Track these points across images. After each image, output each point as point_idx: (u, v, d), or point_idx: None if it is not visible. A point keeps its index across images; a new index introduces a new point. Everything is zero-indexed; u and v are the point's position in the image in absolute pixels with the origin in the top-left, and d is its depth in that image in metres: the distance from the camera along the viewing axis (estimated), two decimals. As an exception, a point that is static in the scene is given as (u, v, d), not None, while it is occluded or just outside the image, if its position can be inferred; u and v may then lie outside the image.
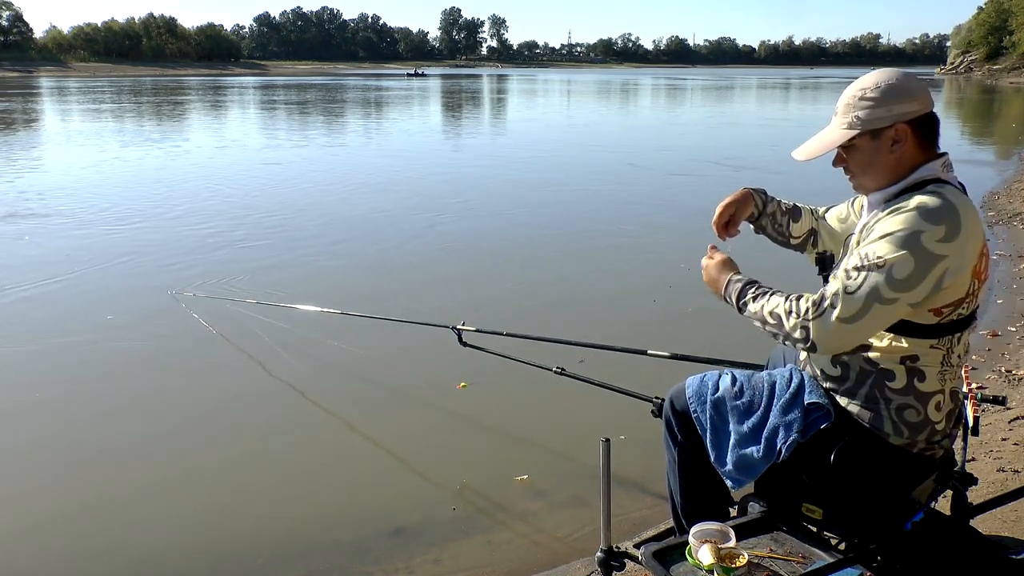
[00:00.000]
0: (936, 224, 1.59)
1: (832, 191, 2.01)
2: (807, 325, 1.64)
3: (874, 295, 1.59)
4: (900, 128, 1.70)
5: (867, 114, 1.72)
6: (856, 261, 1.63)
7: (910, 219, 1.60)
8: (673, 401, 2.01)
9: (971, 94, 45.40)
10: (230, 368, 4.70)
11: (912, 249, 1.58)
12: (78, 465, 3.61)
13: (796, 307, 1.67)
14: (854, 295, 1.60)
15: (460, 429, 3.99)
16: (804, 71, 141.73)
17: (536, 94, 50.44)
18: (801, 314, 1.65)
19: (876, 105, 1.71)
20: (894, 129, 1.71)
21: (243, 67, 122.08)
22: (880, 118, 1.71)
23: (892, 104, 1.70)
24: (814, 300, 1.65)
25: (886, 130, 1.71)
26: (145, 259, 7.06)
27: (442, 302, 5.87)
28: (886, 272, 1.58)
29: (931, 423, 1.74)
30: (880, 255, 1.60)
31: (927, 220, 1.59)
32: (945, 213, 1.60)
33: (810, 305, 1.65)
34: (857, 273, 1.61)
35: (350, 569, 2.89)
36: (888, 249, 1.59)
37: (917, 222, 1.59)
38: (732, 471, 1.83)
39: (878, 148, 1.73)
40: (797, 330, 1.65)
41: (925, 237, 1.58)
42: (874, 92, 1.72)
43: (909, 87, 1.72)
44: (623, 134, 21.83)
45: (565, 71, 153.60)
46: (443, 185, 11.88)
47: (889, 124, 1.71)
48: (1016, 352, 4.74)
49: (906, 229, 1.59)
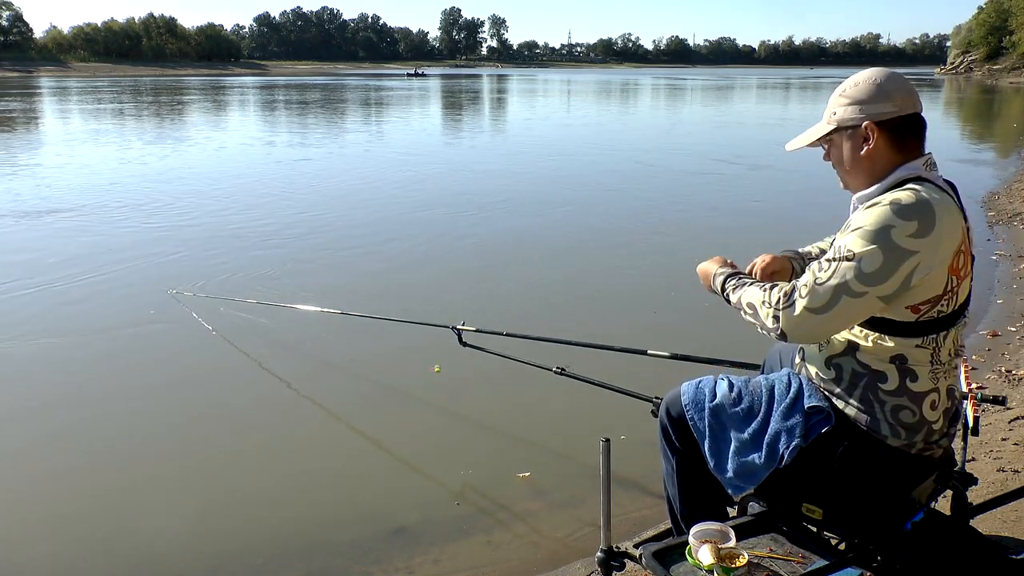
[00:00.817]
0: (907, 220, 1.60)
1: (835, 190, 2.01)
2: (777, 314, 1.69)
3: (843, 287, 1.62)
4: (868, 127, 1.73)
5: (842, 112, 1.78)
6: (830, 254, 1.67)
7: (882, 214, 1.62)
8: (669, 408, 2.00)
9: (971, 94, 45.40)
10: (230, 368, 4.70)
11: (881, 243, 1.60)
12: (78, 465, 3.61)
13: (769, 297, 1.73)
14: (823, 286, 1.64)
15: (460, 429, 3.99)
16: (804, 71, 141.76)
17: (539, 94, 50.43)
18: (772, 303, 1.71)
19: (850, 103, 1.76)
20: (864, 128, 1.74)
21: (243, 67, 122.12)
22: (850, 117, 1.76)
23: (864, 104, 1.74)
24: (786, 291, 1.71)
25: (857, 128, 1.75)
26: (139, 258, 7.07)
27: (444, 302, 5.87)
28: (855, 265, 1.61)
29: (928, 423, 1.74)
30: (851, 248, 1.63)
31: (898, 215, 1.61)
32: (918, 209, 1.61)
33: (782, 295, 1.70)
34: (828, 265, 1.65)
35: (350, 569, 2.89)
36: (859, 243, 1.62)
37: (888, 217, 1.61)
38: (733, 478, 1.83)
39: (852, 146, 1.77)
40: (769, 319, 1.71)
41: (895, 232, 1.60)
42: (852, 91, 1.77)
43: (886, 89, 1.73)
44: (632, 133, 21.84)
45: (565, 71, 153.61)
46: (445, 184, 11.88)
47: (858, 124, 1.74)
48: (1016, 352, 4.74)
49: (877, 224, 1.61)
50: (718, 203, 10.21)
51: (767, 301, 1.73)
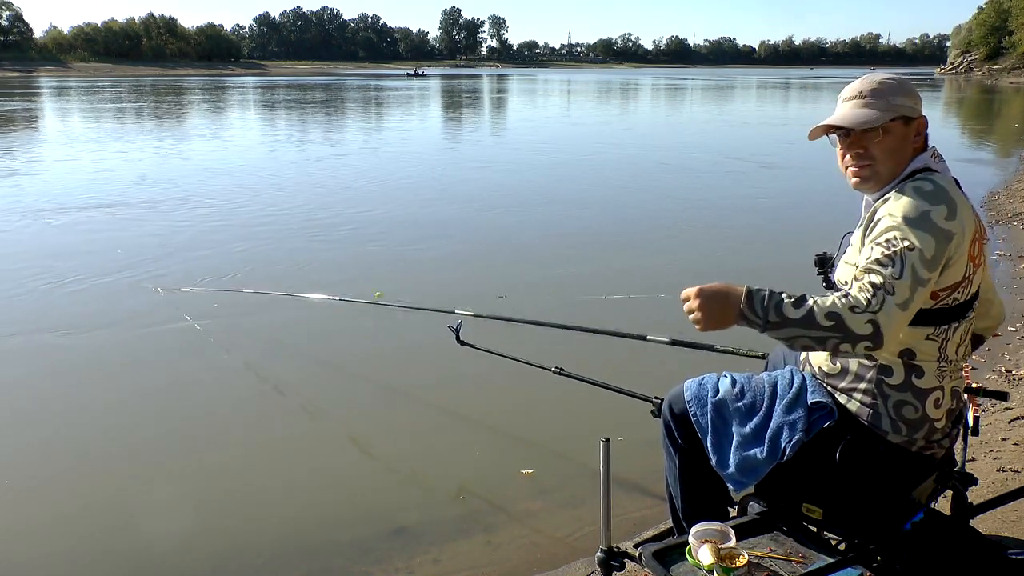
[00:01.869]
0: (937, 204, 1.64)
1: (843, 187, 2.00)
2: (874, 318, 1.52)
3: (916, 279, 1.58)
4: (922, 121, 1.81)
5: (902, 101, 1.79)
6: (883, 251, 1.60)
7: (912, 202, 1.65)
8: (672, 405, 2.00)
9: (971, 94, 45.39)
10: (229, 368, 4.69)
11: (929, 228, 1.62)
12: (77, 465, 3.61)
13: (854, 301, 1.54)
14: (900, 281, 1.56)
15: (460, 429, 3.98)
16: (804, 71, 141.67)
17: (547, 94, 50.42)
18: (864, 307, 1.52)
19: (908, 96, 1.80)
20: (920, 120, 1.81)
21: (243, 67, 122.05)
22: (912, 108, 1.80)
23: (917, 100, 1.81)
24: (867, 293, 1.54)
25: (915, 120, 1.80)
26: (139, 258, 7.07)
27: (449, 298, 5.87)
28: (919, 254, 1.59)
29: (930, 420, 1.74)
30: (907, 239, 1.60)
31: (928, 201, 1.65)
32: (941, 195, 1.67)
33: (869, 297, 1.54)
34: (892, 261, 1.58)
35: (350, 569, 2.89)
36: (910, 232, 1.61)
37: (921, 203, 1.64)
38: (735, 473, 1.83)
39: (907, 135, 1.79)
40: (863, 325, 1.52)
41: (934, 215, 1.63)
42: (904, 85, 1.81)
43: (917, 93, 1.83)
44: (646, 133, 21.88)
45: (565, 71, 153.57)
46: (449, 182, 11.89)
47: (917, 115, 1.80)
48: (1016, 352, 4.74)
49: (915, 211, 1.63)
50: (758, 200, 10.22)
51: (856, 306, 1.53)
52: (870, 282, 1.56)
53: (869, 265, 1.60)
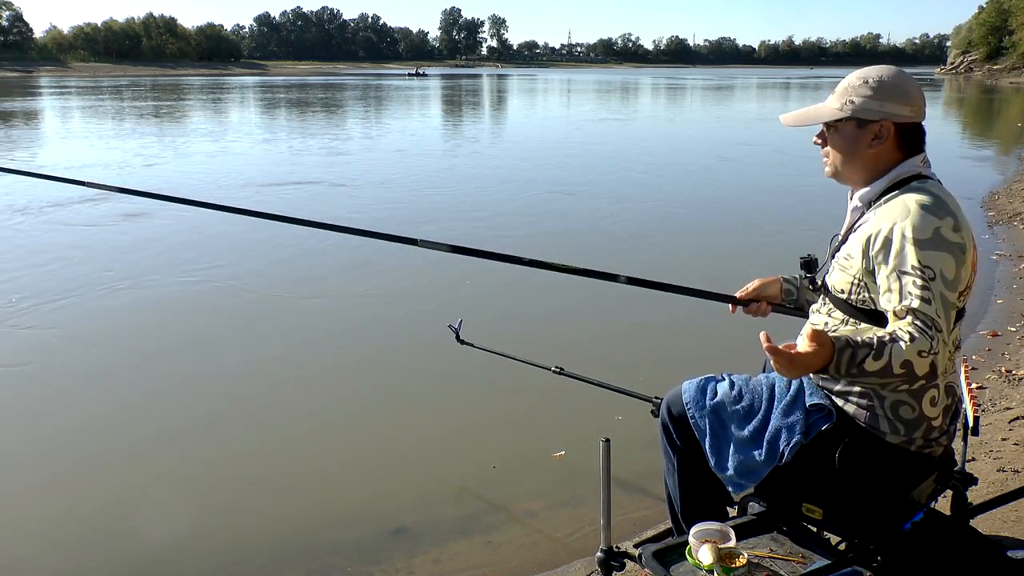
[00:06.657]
0: (943, 217, 1.63)
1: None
2: (934, 359, 1.52)
3: (947, 303, 1.58)
4: (886, 125, 1.73)
5: (861, 102, 1.74)
6: (913, 280, 1.57)
7: (919, 218, 1.62)
8: (670, 406, 2.00)
9: (971, 94, 45.39)
10: (229, 367, 4.69)
11: (943, 246, 1.60)
12: (77, 466, 3.61)
13: (921, 345, 1.51)
14: (941, 317, 1.55)
15: (460, 429, 3.98)
16: (804, 71, 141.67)
17: (539, 93, 50.45)
18: (928, 351, 1.51)
19: (872, 96, 1.73)
20: (880, 125, 1.73)
21: (243, 67, 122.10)
22: (870, 110, 1.74)
23: (886, 101, 1.73)
24: (926, 335, 1.52)
25: (872, 123, 1.74)
26: (137, 257, 7.08)
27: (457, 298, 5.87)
28: (942, 279, 1.58)
29: (927, 419, 1.74)
30: (928, 264, 1.58)
31: (933, 215, 1.62)
32: (943, 206, 1.65)
33: (922, 336, 1.52)
34: (929, 294, 1.56)
35: (350, 569, 2.89)
36: (926, 256, 1.58)
37: (928, 219, 1.62)
38: (734, 476, 1.83)
39: (859, 138, 1.75)
40: (926, 366, 1.52)
41: (943, 230, 1.61)
42: (874, 83, 1.74)
43: (908, 91, 1.74)
44: (674, 131, 21.87)
45: (565, 71, 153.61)
46: (453, 182, 11.89)
47: (877, 119, 1.73)
48: (1016, 352, 4.74)
49: (924, 229, 1.61)
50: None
51: (922, 349, 1.50)
52: (923, 322, 1.54)
53: (910, 306, 1.56)
